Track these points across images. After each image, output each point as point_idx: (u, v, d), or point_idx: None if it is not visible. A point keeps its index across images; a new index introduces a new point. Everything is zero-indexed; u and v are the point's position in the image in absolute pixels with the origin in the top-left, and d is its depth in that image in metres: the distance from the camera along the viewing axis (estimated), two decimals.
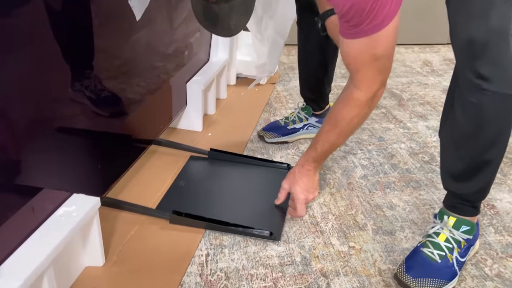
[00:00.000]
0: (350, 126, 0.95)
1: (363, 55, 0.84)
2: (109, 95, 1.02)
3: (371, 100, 0.90)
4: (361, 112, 0.92)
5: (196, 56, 1.50)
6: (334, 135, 0.97)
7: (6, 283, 0.61)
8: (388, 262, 0.95)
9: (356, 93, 0.90)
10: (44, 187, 0.77)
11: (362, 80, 0.88)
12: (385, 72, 0.88)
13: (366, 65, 0.86)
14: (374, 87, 0.88)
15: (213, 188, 1.17)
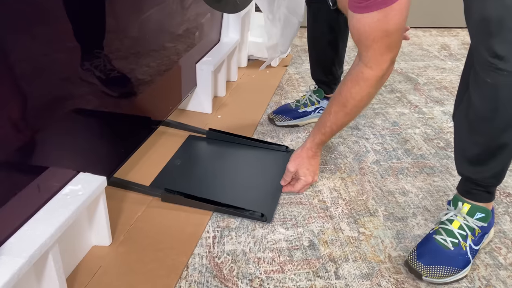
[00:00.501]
0: (360, 105, 0.93)
1: (374, 30, 0.81)
2: (118, 75, 1.01)
3: (381, 78, 0.88)
4: (371, 91, 0.90)
5: (207, 37, 1.47)
6: (343, 116, 0.95)
7: (10, 260, 0.61)
8: (399, 249, 0.92)
9: (366, 71, 0.87)
10: (51, 166, 0.76)
11: (372, 58, 0.86)
12: (395, 48, 0.85)
13: (377, 42, 0.83)
14: (384, 65, 0.86)
15: (208, 168, 1.16)
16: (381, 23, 0.80)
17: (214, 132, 1.26)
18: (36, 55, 0.71)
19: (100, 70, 0.92)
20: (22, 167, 0.71)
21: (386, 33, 0.81)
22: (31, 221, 0.69)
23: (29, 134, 0.72)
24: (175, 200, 1.00)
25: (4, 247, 0.63)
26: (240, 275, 0.84)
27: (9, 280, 0.58)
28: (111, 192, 0.99)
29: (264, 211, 0.98)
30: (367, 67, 0.87)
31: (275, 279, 0.83)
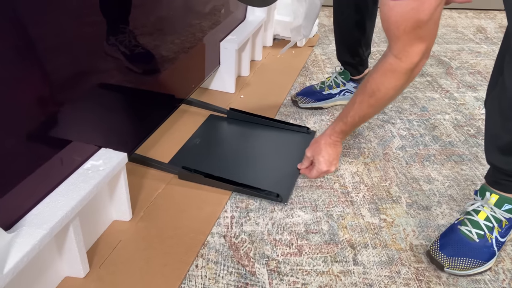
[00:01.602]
0: (385, 98, 0.87)
1: (406, 20, 0.76)
2: (143, 51, 1.00)
3: (411, 71, 0.82)
4: (399, 84, 0.84)
5: (232, 15, 1.45)
6: (366, 106, 0.90)
7: (32, 231, 0.62)
8: (421, 237, 0.90)
9: (395, 63, 0.81)
10: (74, 140, 0.77)
11: (402, 49, 0.80)
12: (429, 40, 0.79)
13: (408, 32, 0.77)
14: (415, 57, 0.80)
15: (227, 147, 1.15)
16: (415, 12, 0.74)
17: (235, 112, 1.25)
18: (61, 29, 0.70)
19: (125, 45, 0.92)
20: (47, 140, 0.72)
21: (418, 24, 0.75)
22: (53, 194, 0.70)
23: (54, 107, 0.72)
24: (192, 178, 1.00)
25: (26, 218, 0.65)
26: (257, 256, 0.84)
27: (30, 250, 0.60)
28: (132, 168, 1.01)
29: (280, 192, 0.97)
30: (396, 58, 0.81)
31: (292, 262, 0.83)
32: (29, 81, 0.66)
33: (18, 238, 0.61)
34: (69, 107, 0.76)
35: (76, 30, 0.75)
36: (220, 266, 0.81)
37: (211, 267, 0.81)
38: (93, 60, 0.83)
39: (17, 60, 0.62)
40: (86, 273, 0.77)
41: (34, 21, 0.64)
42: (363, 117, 0.93)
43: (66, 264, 0.74)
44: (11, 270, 0.57)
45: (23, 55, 0.63)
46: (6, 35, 0.59)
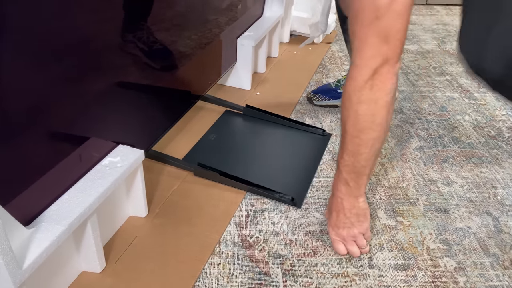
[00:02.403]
0: (360, 119, 0.69)
1: (361, 9, 0.63)
2: (160, 47, 1.00)
3: (369, 80, 0.65)
4: (361, 96, 0.67)
5: (249, 10, 1.44)
6: (347, 139, 0.73)
7: (50, 227, 0.63)
8: (438, 241, 0.89)
9: (351, 70, 0.68)
10: (92, 136, 0.77)
11: (358, 50, 0.65)
12: (393, 40, 0.63)
13: (365, 26, 0.63)
14: (373, 61, 0.64)
15: (242, 145, 1.15)
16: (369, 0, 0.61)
17: (251, 109, 1.24)
18: (80, 25, 0.71)
19: (143, 41, 0.92)
20: (66, 136, 0.73)
21: (375, 13, 0.61)
22: (72, 190, 0.71)
23: (73, 104, 0.73)
24: (207, 176, 1.00)
25: (45, 214, 0.66)
26: (271, 256, 0.83)
27: (49, 246, 0.61)
28: (148, 165, 1.01)
29: (294, 195, 0.96)
30: (352, 64, 0.67)
31: (307, 263, 0.82)
32: (49, 78, 0.66)
33: (37, 233, 0.62)
34: (88, 104, 0.77)
35: (94, 26, 0.75)
36: (234, 265, 0.82)
37: (226, 266, 0.81)
38: (111, 57, 0.83)
39: (38, 57, 0.63)
40: (102, 268, 0.78)
41: (54, 17, 0.64)
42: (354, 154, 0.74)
43: (83, 259, 0.75)
44: (30, 265, 0.58)
45: (43, 52, 0.63)
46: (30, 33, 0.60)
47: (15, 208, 0.60)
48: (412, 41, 1.83)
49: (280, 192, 0.96)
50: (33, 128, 0.65)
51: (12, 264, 0.54)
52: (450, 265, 0.83)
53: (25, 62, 0.61)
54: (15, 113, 0.61)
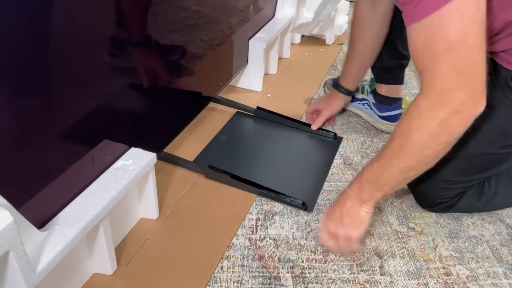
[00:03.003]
0: (410, 140, 0.67)
1: (429, 43, 0.61)
2: (172, 48, 1.00)
3: (439, 111, 0.62)
4: (423, 127, 0.65)
5: (261, 12, 1.43)
6: (388, 151, 0.72)
7: (64, 230, 0.63)
8: (451, 248, 0.88)
9: (420, 98, 0.65)
10: (105, 139, 0.78)
11: (429, 81, 0.63)
12: (469, 71, 0.60)
13: (436, 59, 0.61)
14: (448, 94, 0.61)
15: (253, 147, 1.14)
16: (435, 32, 0.60)
17: (262, 111, 1.24)
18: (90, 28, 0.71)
19: (155, 43, 0.92)
20: (79, 139, 0.73)
21: (447, 46, 0.60)
22: (85, 193, 0.71)
23: (86, 106, 0.73)
24: (218, 178, 1.00)
25: (59, 217, 0.66)
26: (282, 261, 0.83)
27: (63, 249, 0.61)
28: (159, 166, 1.01)
29: (305, 199, 0.96)
30: (421, 93, 0.64)
31: (317, 269, 0.82)
32: (62, 81, 0.67)
33: (51, 236, 0.62)
34: (101, 106, 0.77)
35: (106, 28, 0.75)
36: (244, 269, 0.81)
37: (236, 270, 0.81)
38: (123, 59, 0.83)
39: (50, 60, 0.63)
40: (114, 271, 0.78)
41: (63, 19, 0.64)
42: (384, 170, 0.73)
43: (95, 261, 0.76)
44: (44, 268, 0.58)
45: (55, 55, 0.64)
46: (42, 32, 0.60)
47: (29, 211, 0.60)
48: None
49: (291, 196, 0.96)
50: (46, 131, 0.65)
51: (26, 267, 0.54)
52: (463, 273, 0.83)
53: (38, 63, 0.61)
54: (29, 116, 0.61)
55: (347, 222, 0.79)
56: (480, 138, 0.82)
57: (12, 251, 0.51)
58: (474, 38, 0.60)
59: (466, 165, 0.86)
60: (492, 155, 0.84)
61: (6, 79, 0.55)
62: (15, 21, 0.54)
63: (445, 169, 0.87)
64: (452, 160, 0.84)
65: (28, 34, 0.57)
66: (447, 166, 0.86)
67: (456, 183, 0.89)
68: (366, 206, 0.78)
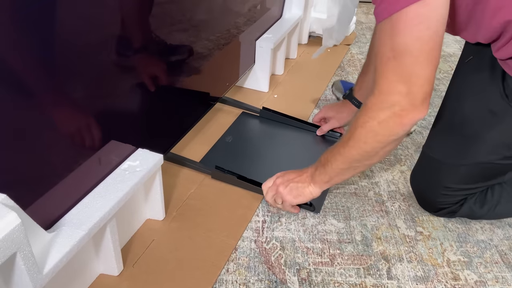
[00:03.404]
0: (354, 132, 0.73)
1: (381, 47, 0.65)
2: (179, 48, 1.00)
3: (381, 112, 0.67)
4: (368, 122, 0.70)
5: (268, 12, 1.43)
6: (339, 142, 0.78)
7: (71, 232, 0.63)
8: (459, 253, 0.87)
9: (369, 97, 0.70)
10: (112, 139, 0.78)
11: (377, 82, 0.67)
12: (410, 81, 0.64)
13: (384, 63, 0.65)
14: (389, 97, 0.66)
15: (258, 148, 1.14)
16: (386, 38, 0.63)
17: (267, 112, 1.24)
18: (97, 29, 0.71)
19: (161, 43, 0.92)
20: (86, 139, 0.73)
21: (392, 52, 0.63)
22: (92, 194, 0.71)
23: (94, 106, 0.73)
24: (224, 179, 1.00)
25: (66, 218, 0.66)
26: (288, 264, 0.83)
27: (69, 251, 0.61)
28: (166, 167, 1.01)
29: (313, 200, 0.95)
30: (371, 93, 0.69)
31: (324, 272, 0.81)
32: (68, 82, 0.67)
33: (58, 238, 0.62)
34: (108, 107, 0.77)
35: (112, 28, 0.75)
36: (250, 272, 0.81)
37: (242, 273, 0.81)
38: (129, 60, 0.83)
39: (57, 60, 0.63)
40: (120, 272, 0.78)
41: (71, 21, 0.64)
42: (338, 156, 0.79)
43: (101, 262, 0.76)
44: (51, 270, 0.58)
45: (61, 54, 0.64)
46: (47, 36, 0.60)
47: (37, 212, 0.60)
48: None
49: None
50: (54, 130, 0.65)
51: (33, 269, 0.54)
52: (471, 278, 0.82)
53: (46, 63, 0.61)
54: (36, 116, 0.61)
55: (291, 187, 0.86)
56: (483, 147, 0.82)
57: (19, 252, 0.51)
58: (418, 53, 0.63)
59: (468, 173, 0.86)
60: (495, 165, 0.83)
61: (12, 80, 0.55)
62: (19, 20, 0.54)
63: (447, 176, 0.87)
64: (454, 167, 0.85)
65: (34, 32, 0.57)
66: (449, 173, 0.86)
67: (457, 190, 0.88)
68: (313, 187, 0.85)
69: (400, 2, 0.61)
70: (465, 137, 0.83)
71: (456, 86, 0.87)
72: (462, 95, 0.84)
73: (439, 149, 0.87)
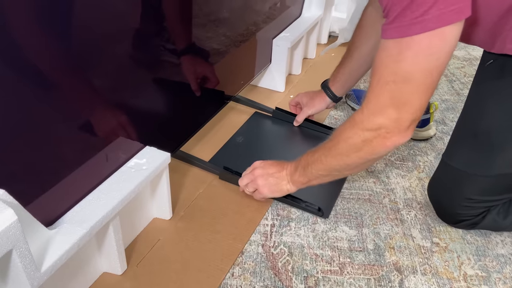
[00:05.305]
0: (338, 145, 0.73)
1: (382, 66, 0.63)
2: (195, 44, 0.98)
3: (367, 131, 0.67)
4: (352, 137, 0.70)
5: (288, 10, 1.40)
6: (321, 148, 0.78)
7: (72, 229, 0.62)
8: (477, 267, 0.82)
9: (357, 112, 0.69)
10: (120, 136, 0.76)
11: (369, 100, 0.66)
12: (403, 108, 0.63)
13: (381, 85, 0.63)
14: (377, 119, 0.65)
15: (269, 149, 1.11)
16: (391, 60, 0.61)
17: (280, 112, 1.21)
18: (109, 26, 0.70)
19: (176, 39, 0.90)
20: (93, 135, 0.72)
21: (393, 76, 0.62)
22: (96, 191, 0.70)
23: (104, 102, 0.72)
24: (233, 180, 0.97)
25: (68, 215, 0.65)
26: (295, 271, 0.80)
27: (69, 249, 0.60)
28: (175, 165, 1.00)
29: (322, 205, 0.92)
30: (360, 109, 0.68)
31: (332, 281, 0.78)
32: (76, 79, 0.65)
33: (58, 235, 0.61)
34: (118, 103, 0.76)
35: (125, 25, 0.74)
36: (256, 277, 0.79)
37: (247, 278, 0.78)
38: (142, 56, 0.82)
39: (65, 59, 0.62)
40: (123, 271, 0.77)
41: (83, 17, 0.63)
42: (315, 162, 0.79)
43: (104, 260, 0.75)
44: (49, 268, 0.57)
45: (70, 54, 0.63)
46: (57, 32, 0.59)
47: (39, 208, 0.59)
48: (459, 46, 1.73)
49: (306, 201, 0.92)
50: (59, 127, 0.64)
51: (30, 267, 0.53)
52: None
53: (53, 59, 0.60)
54: (41, 112, 0.60)
55: (269, 181, 0.86)
56: (507, 158, 0.78)
57: (15, 250, 0.50)
58: (420, 83, 0.61)
59: (492, 184, 0.81)
60: None
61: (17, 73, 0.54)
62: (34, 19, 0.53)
63: (469, 187, 0.82)
64: (476, 178, 0.81)
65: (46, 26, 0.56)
66: (472, 184, 0.82)
67: (480, 202, 0.83)
68: (291, 185, 0.85)
69: (415, 27, 0.58)
70: (490, 147, 0.79)
71: (478, 92, 0.82)
72: (485, 102, 0.79)
73: (461, 159, 0.83)
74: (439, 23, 0.57)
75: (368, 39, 1.00)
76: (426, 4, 0.56)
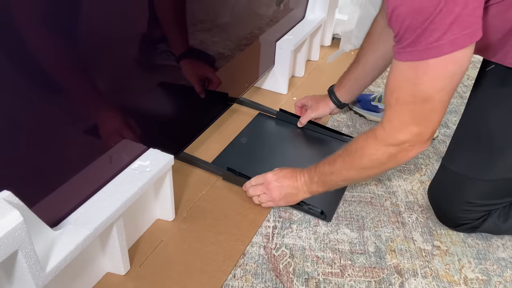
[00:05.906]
0: (361, 166, 0.77)
1: (400, 88, 0.66)
2: (199, 47, 0.99)
3: (391, 147, 0.71)
4: (376, 156, 0.74)
5: (291, 13, 1.40)
6: (341, 161, 0.80)
7: (76, 230, 0.63)
8: (477, 271, 0.82)
9: (379, 129, 0.72)
10: (124, 138, 0.77)
11: (390, 119, 0.70)
12: (424, 124, 0.68)
13: (400, 104, 0.67)
14: (400, 136, 0.69)
15: (273, 150, 1.12)
16: (409, 83, 0.64)
17: (284, 114, 1.21)
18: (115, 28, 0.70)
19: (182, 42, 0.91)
20: (97, 137, 0.73)
21: (412, 98, 0.65)
22: (100, 193, 0.71)
23: (108, 104, 0.73)
24: (236, 181, 0.98)
25: (73, 216, 0.66)
26: (297, 273, 0.81)
27: (74, 249, 0.61)
28: (178, 166, 1.01)
29: (324, 208, 0.92)
30: (381, 125, 0.72)
31: (333, 283, 0.79)
32: (82, 82, 0.66)
33: (63, 236, 0.62)
34: (123, 106, 0.77)
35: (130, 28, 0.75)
36: (258, 278, 0.79)
37: (249, 279, 0.79)
38: (148, 59, 0.83)
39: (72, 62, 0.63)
40: (126, 271, 0.78)
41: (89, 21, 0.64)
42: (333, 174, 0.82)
43: (108, 260, 0.76)
44: (54, 268, 0.58)
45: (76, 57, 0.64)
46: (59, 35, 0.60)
47: (44, 209, 0.61)
48: None
49: (309, 204, 0.93)
50: (64, 129, 0.65)
51: (35, 267, 0.54)
52: None
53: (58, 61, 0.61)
54: (45, 115, 0.61)
55: (286, 194, 0.89)
56: (508, 163, 0.78)
57: (21, 250, 0.51)
58: (438, 103, 0.65)
59: (492, 188, 0.82)
60: None
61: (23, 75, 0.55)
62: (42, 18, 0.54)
63: (470, 191, 0.83)
64: (477, 182, 0.81)
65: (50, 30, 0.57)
66: (472, 188, 0.82)
67: (480, 206, 0.84)
68: (307, 194, 0.88)
69: (430, 52, 0.60)
70: (490, 151, 0.79)
71: (478, 96, 0.82)
72: (486, 106, 0.80)
73: (461, 163, 0.83)
74: (453, 47, 0.59)
75: (375, 48, 1.01)
76: (440, 30, 0.57)
